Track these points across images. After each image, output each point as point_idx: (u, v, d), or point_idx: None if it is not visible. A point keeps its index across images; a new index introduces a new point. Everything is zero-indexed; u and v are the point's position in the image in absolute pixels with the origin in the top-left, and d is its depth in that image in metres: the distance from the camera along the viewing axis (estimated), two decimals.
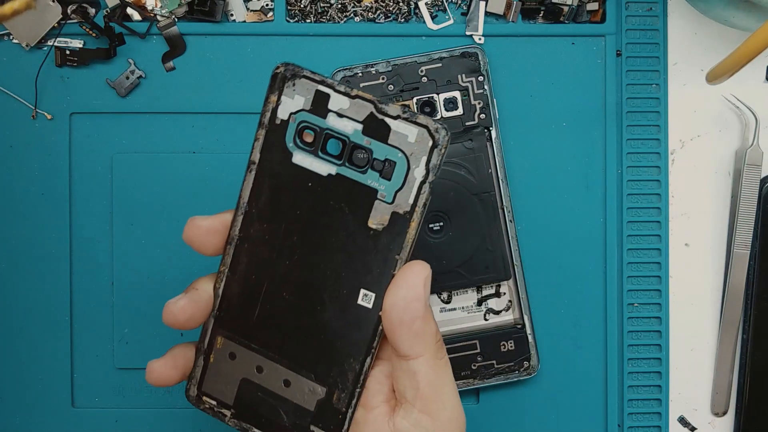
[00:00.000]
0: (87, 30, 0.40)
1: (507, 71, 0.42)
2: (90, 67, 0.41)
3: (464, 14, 0.42)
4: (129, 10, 0.41)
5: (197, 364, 0.31)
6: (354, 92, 0.28)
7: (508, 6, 0.41)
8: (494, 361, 0.40)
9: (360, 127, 0.28)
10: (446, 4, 0.42)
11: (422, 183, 0.28)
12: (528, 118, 0.42)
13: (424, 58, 0.40)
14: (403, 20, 0.42)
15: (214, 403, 0.31)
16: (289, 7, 0.41)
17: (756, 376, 0.42)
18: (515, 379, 0.41)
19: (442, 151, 0.28)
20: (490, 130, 0.40)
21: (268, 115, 0.29)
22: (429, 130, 0.28)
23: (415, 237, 0.28)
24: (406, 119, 0.28)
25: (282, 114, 0.28)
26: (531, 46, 0.42)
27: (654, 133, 0.42)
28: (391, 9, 0.42)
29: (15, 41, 0.41)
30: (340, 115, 0.28)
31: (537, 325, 0.41)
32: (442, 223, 0.40)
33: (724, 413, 0.43)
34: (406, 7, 0.42)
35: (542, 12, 0.42)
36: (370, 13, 0.42)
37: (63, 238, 0.41)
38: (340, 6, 0.42)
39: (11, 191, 0.41)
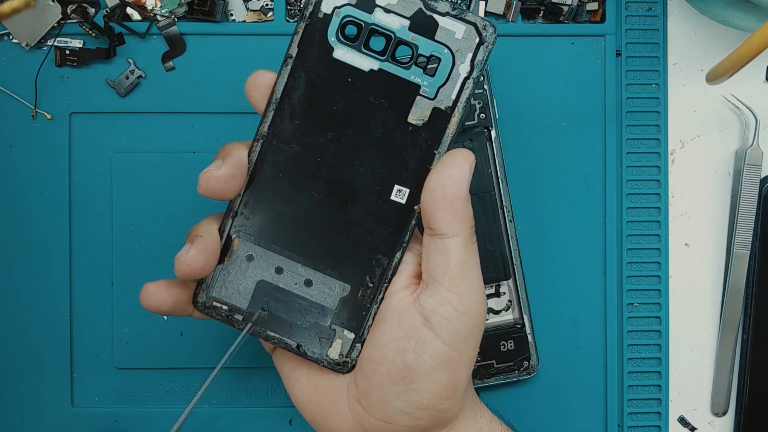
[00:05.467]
0: (87, 30, 0.40)
1: (507, 71, 0.42)
2: (90, 67, 0.41)
3: None
4: (129, 10, 0.41)
5: None
6: None
7: (508, 6, 0.41)
8: (494, 361, 0.40)
9: (407, 23, 0.28)
10: None
11: (466, 79, 0.28)
12: (528, 118, 0.42)
13: None
14: None
15: (225, 308, 0.30)
16: (289, 7, 0.41)
17: (756, 376, 0.42)
18: (515, 379, 0.41)
19: (489, 47, 0.28)
20: (489, 130, 0.40)
21: (310, 8, 0.28)
22: (477, 27, 0.28)
23: (455, 133, 0.29)
24: (455, 16, 0.28)
25: (326, 8, 0.28)
26: (531, 46, 0.42)
27: (654, 133, 0.42)
28: None
29: (15, 41, 0.41)
30: (387, 11, 0.28)
31: (537, 324, 0.41)
32: None
33: (724, 413, 0.43)
34: None
35: (542, 12, 0.42)
36: None
37: (63, 238, 0.41)
38: None
39: (11, 191, 0.41)
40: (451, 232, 0.29)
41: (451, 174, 0.28)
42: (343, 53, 0.28)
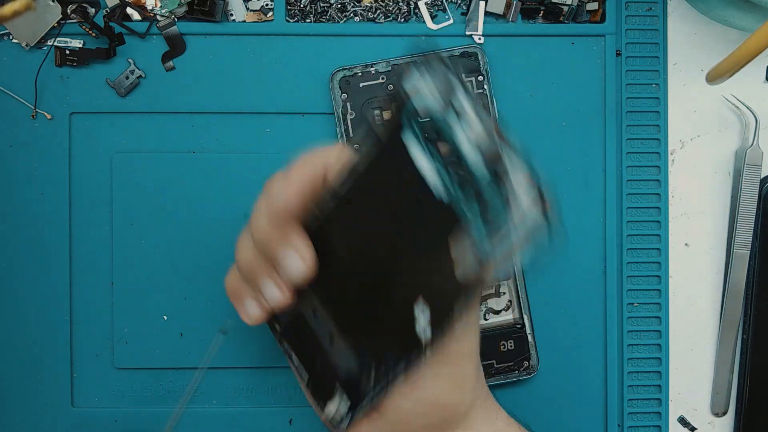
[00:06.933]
0: (87, 30, 0.40)
1: (507, 71, 0.42)
2: (90, 67, 0.41)
3: (464, 14, 0.42)
4: (129, 10, 0.41)
5: None
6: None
7: (508, 6, 0.41)
8: (494, 361, 0.40)
9: (489, 177, 0.27)
10: (446, 4, 0.42)
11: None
12: (528, 118, 0.42)
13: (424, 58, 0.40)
14: (402, 20, 0.42)
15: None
16: (289, 7, 0.41)
17: (756, 376, 0.42)
18: (515, 379, 0.41)
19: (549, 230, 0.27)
20: None
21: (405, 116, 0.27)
22: (549, 222, 0.27)
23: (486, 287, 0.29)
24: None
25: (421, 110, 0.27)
26: (531, 46, 0.42)
27: (654, 133, 0.42)
28: (391, 9, 0.42)
29: (15, 41, 0.41)
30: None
31: (537, 324, 0.41)
32: None
33: (724, 413, 0.43)
34: (406, 7, 0.42)
35: (542, 12, 0.42)
36: (370, 13, 0.42)
37: (63, 238, 0.41)
38: (339, 6, 0.42)
39: (11, 191, 0.41)
40: None
41: None
42: (422, 164, 0.27)
